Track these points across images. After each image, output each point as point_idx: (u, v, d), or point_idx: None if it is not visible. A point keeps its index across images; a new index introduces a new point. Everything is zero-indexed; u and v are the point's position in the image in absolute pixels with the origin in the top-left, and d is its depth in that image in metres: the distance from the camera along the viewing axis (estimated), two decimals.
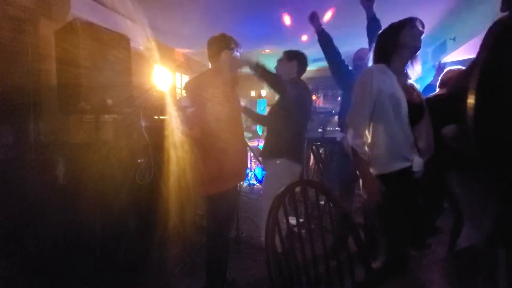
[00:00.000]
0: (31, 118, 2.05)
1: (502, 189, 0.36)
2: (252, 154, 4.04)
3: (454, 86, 1.57)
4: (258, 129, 5.25)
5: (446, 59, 4.26)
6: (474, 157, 0.36)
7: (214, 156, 1.66)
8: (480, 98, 0.34)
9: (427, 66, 4.64)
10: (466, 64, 1.42)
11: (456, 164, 1.50)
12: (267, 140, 1.87)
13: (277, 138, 1.72)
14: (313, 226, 1.12)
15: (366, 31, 2.07)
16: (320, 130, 3.30)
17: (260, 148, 4.43)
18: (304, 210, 1.04)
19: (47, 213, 1.86)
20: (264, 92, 6.95)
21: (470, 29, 3.78)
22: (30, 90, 2.04)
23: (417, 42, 1.33)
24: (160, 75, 2.36)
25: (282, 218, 0.91)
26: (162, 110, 2.08)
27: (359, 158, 1.32)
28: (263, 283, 2.02)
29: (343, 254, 1.06)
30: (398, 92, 1.29)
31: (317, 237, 0.95)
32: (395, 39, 1.33)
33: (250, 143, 4.00)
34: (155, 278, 2.02)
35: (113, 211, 1.86)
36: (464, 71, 1.48)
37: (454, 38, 4.17)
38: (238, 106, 1.90)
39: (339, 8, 3.23)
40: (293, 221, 1.06)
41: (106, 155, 1.82)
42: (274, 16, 3.57)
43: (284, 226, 0.92)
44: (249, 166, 4.93)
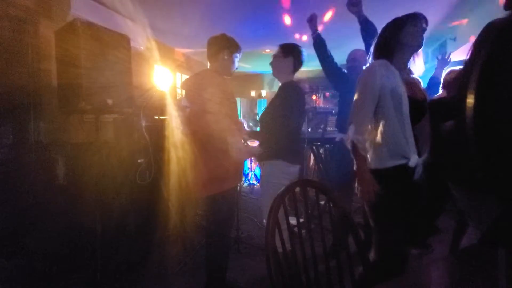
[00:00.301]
0: (32, 118, 2.05)
1: (501, 188, 0.36)
2: None
3: (456, 88, 1.56)
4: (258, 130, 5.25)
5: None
6: (473, 156, 0.36)
7: (215, 156, 1.67)
8: (479, 98, 0.34)
9: (427, 67, 4.64)
10: None
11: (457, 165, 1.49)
12: (261, 142, 1.87)
13: (272, 139, 1.71)
14: (313, 226, 1.12)
15: (361, 34, 2.07)
16: (320, 130, 3.29)
17: None
18: (304, 210, 1.04)
19: (47, 213, 1.86)
20: (264, 92, 6.94)
21: (471, 29, 3.78)
22: (31, 90, 2.05)
23: (418, 41, 1.32)
24: (160, 75, 2.35)
25: (282, 218, 0.91)
26: (162, 110, 2.08)
27: (358, 154, 1.29)
28: (263, 283, 2.02)
29: (343, 254, 1.06)
30: (400, 88, 1.27)
31: (317, 237, 0.95)
32: (397, 37, 1.31)
33: (250, 143, 3.99)
34: (155, 278, 2.02)
35: (113, 211, 1.86)
36: (461, 72, 1.47)
37: (454, 38, 4.17)
38: (236, 106, 1.91)
39: (339, 7, 3.23)
40: (293, 221, 1.06)
41: (106, 155, 1.82)
42: (274, 16, 3.57)
43: (284, 226, 0.92)
44: (249, 166, 4.94)
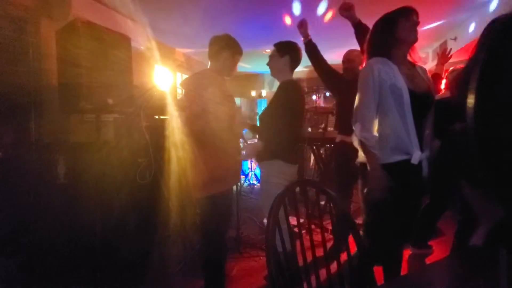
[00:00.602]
0: (32, 117, 2.05)
1: (502, 189, 0.36)
2: None
3: (458, 88, 1.55)
4: None
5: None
6: (474, 156, 0.36)
7: (215, 156, 1.66)
8: (479, 98, 0.34)
9: (427, 67, 4.64)
10: None
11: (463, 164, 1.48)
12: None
13: (269, 139, 1.71)
14: (313, 226, 1.12)
15: (356, 37, 2.04)
16: (320, 130, 3.29)
17: None
18: (305, 210, 1.04)
19: (48, 212, 1.87)
20: (264, 92, 6.94)
21: (471, 29, 3.77)
22: (31, 90, 2.05)
23: (413, 35, 1.30)
24: (160, 75, 2.36)
25: (283, 218, 0.91)
26: (162, 110, 2.08)
27: (368, 151, 1.27)
28: (264, 283, 2.02)
29: (343, 254, 1.06)
30: (400, 82, 1.26)
31: (317, 237, 0.95)
32: (392, 33, 1.30)
33: (250, 143, 4.00)
34: (155, 278, 2.02)
35: (113, 211, 1.86)
36: (463, 72, 1.46)
37: (455, 38, 4.17)
38: (235, 106, 1.92)
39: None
40: (293, 221, 1.06)
41: (106, 155, 1.82)
42: (275, 16, 3.57)
43: (285, 226, 0.92)
44: (249, 166, 4.94)
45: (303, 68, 5.37)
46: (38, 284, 1.73)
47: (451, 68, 2.32)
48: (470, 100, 0.35)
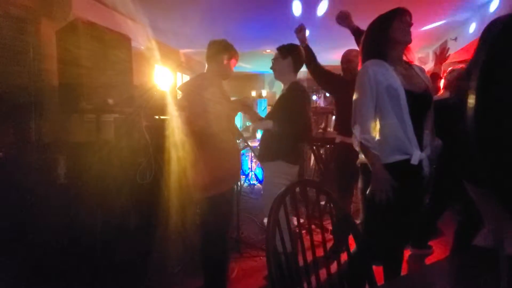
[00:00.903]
0: (33, 117, 2.05)
1: (501, 189, 0.36)
2: (252, 154, 4.03)
3: (457, 88, 1.55)
4: (258, 131, 5.23)
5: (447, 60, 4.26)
6: (475, 157, 0.36)
7: (215, 156, 1.67)
8: (480, 99, 0.34)
9: (427, 67, 4.64)
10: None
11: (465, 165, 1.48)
12: (263, 142, 1.87)
13: (272, 140, 1.72)
14: (313, 226, 1.12)
15: (355, 42, 2.04)
16: (320, 130, 3.30)
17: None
18: (305, 210, 1.04)
19: (48, 212, 1.87)
20: (264, 92, 6.95)
21: (472, 29, 3.78)
22: (32, 90, 2.05)
23: (408, 36, 1.31)
24: (161, 75, 2.36)
25: (283, 218, 0.91)
26: (163, 110, 2.08)
27: (369, 153, 1.27)
28: (264, 283, 2.02)
29: (343, 254, 1.06)
30: (396, 83, 1.26)
31: (317, 237, 0.95)
32: (386, 34, 1.31)
33: (250, 143, 4.00)
34: (155, 278, 2.02)
35: (113, 211, 1.87)
36: (464, 72, 1.46)
37: (455, 39, 4.17)
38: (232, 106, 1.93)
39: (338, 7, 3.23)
40: (293, 221, 1.06)
41: (107, 155, 1.82)
42: (275, 16, 3.57)
43: (285, 226, 0.92)
44: (249, 166, 4.94)
45: (303, 68, 5.36)
46: (39, 284, 1.74)
47: (450, 68, 2.32)
48: (471, 100, 0.35)
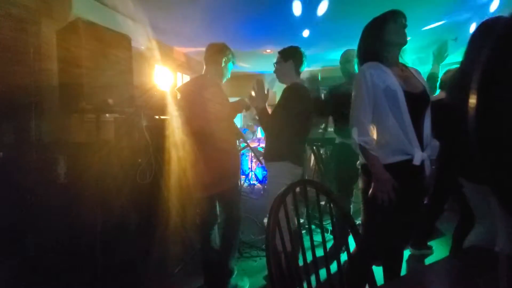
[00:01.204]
0: (33, 117, 2.05)
1: (503, 190, 0.36)
2: (252, 154, 4.03)
3: (453, 88, 1.55)
4: (259, 130, 5.22)
5: (447, 60, 4.26)
6: (475, 157, 0.36)
7: (215, 155, 1.69)
8: (481, 99, 0.34)
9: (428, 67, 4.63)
10: None
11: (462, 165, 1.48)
12: (268, 142, 1.87)
13: (279, 140, 1.72)
14: (313, 226, 1.12)
15: None
16: (320, 130, 3.29)
17: (259, 149, 4.42)
18: (305, 210, 1.04)
19: (48, 212, 1.87)
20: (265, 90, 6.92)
21: (472, 29, 3.78)
22: (32, 90, 2.05)
23: (403, 37, 1.32)
24: (161, 75, 2.36)
25: (284, 218, 0.91)
26: (163, 110, 2.09)
27: (369, 155, 1.27)
28: (264, 283, 2.02)
29: (343, 254, 1.06)
30: (394, 85, 1.26)
31: (317, 237, 0.95)
32: (381, 37, 1.31)
33: (250, 143, 3.99)
34: (155, 278, 2.02)
35: (114, 211, 1.87)
36: (459, 72, 1.46)
37: (456, 39, 4.17)
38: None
39: (338, 7, 3.23)
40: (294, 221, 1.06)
41: (107, 155, 1.83)
42: (275, 16, 3.57)
43: (285, 226, 0.92)
44: (249, 166, 4.94)
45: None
46: (39, 284, 1.74)
47: (447, 68, 2.32)
48: (472, 100, 0.35)
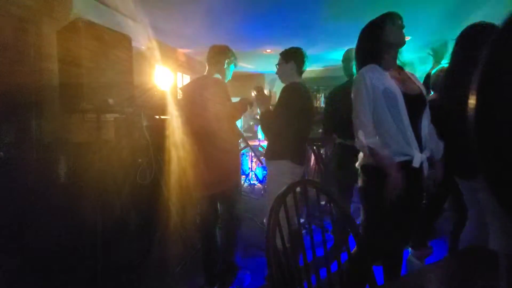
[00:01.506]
0: (33, 117, 2.05)
1: (502, 190, 0.36)
2: (253, 154, 4.03)
3: (444, 89, 1.56)
4: (259, 130, 5.22)
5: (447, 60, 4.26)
6: (475, 157, 0.36)
7: (215, 155, 1.69)
8: (481, 99, 0.34)
9: (428, 68, 4.62)
10: None
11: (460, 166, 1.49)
12: (271, 140, 1.88)
13: (279, 139, 1.72)
14: (313, 226, 1.12)
15: None
16: (320, 130, 3.29)
17: (259, 149, 4.43)
18: (305, 210, 1.04)
19: (48, 211, 1.87)
20: (266, 92, 6.94)
21: None
22: (32, 90, 2.05)
23: (401, 38, 1.33)
24: (161, 75, 2.37)
25: (283, 218, 0.92)
26: (163, 110, 2.09)
27: (379, 154, 1.26)
28: (264, 283, 2.02)
29: (343, 254, 1.06)
30: (392, 87, 1.27)
31: (317, 236, 0.95)
32: (379, 39, 1.32)
33: (250, 143, 4.00)
34: (155, 278, 2.02)
35: (114, 211, 1.87)
36: (446, 72, 1.47)
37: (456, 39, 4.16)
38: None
39: (338, 7, 3.23)
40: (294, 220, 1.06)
41: (107, 155, 1.83)
42: (275, 16, 3.57)
43: (285, 225, 0.92)
44: (249, 166, 4.94)
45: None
46: (39, 284, 1.74)
47: (440, 68, 2.31)
48: (472, 100, 0.35)
